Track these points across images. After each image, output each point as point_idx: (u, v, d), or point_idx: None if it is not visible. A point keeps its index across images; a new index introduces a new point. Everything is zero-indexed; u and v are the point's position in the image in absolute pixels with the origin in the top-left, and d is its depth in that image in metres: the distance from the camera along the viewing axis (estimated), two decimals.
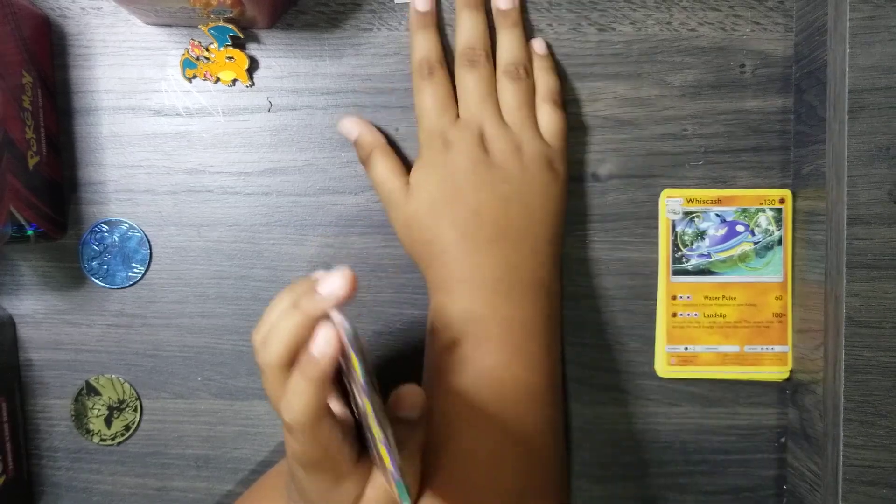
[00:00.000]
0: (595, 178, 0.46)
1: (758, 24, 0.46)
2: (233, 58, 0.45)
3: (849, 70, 0.39)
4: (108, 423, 0.47)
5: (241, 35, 0.45)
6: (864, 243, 0.39)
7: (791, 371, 0.46)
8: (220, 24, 0.44)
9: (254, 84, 0.46)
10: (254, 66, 0.46)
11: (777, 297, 0.46)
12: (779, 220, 0.46)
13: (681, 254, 0.46)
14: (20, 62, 0.42)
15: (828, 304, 0.41)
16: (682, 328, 0.46)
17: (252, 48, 0.46)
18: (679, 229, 0.46)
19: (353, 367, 0.31)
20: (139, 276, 0.47)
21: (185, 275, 0.47)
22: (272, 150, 0.46)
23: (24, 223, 0.42)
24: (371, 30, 0.46)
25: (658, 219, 0.46)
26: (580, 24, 0.46)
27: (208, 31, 0.44)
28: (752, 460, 0.47)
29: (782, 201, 0.46)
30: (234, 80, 0.46)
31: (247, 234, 0.47)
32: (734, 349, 0.46)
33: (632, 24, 0.46)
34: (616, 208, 0.46)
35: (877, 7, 0.39)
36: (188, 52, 0.45)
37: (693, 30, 0.46)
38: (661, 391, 0.47)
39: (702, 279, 0.46)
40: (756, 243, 0.46)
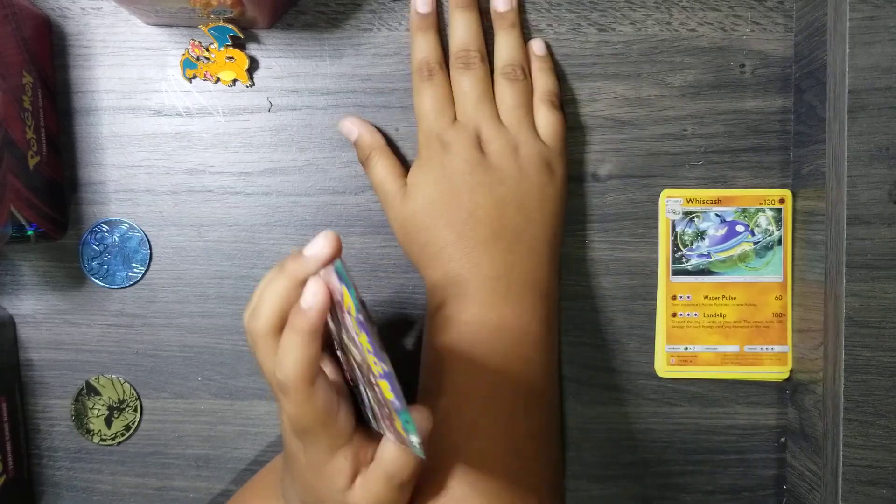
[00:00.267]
0: (595, 178, 0.46)
1: (758, 24, 0.46)
2: (233, 58, 0.45)
3: (848, 70, 0.39)
4: (108, 422, 0.47)
5: (241, 35, 0.45)
6: (863, 243, 0.39)
7: (791, 371, 0.46)
8: (221, 24, 0.44)
9: (254, 84, 0.46)
10: (254, 66, 0.46)
11: (777, 297, 0.46)
12: (778, 220, 0.46)
13: (681, 254, 0.46)
14: (21, 62, 0.42)
15: (827, 304, 0.41)
16: (682, 328, 0.46)
17: (252, 48, 0.46)
18: (679, 229, 0.46)
19: (346, 304, 0.30)
20: (139, 276, 0.47)
21: (186, 275, 0.47)
22: (272, 150, 0.46)
23: (24, 223, 0.42)
24: (371, 30, 0.46)
25: (658, 219, 0.46)
26: (580, 24, 0.46)
27: (208, 31, 0.44)
28: (751, 460, 0.47)
29: (782, 201, 0.46)
30: (235, 81, 0.46)
31: (247, 234, 0.47)
32: (734, 349, 0.46)
33: (631, 24, 0.46)
34: (616, 208, 0.46)
35: (876, 7, 0.39)
36: (188, 53, 0.45)
37: (693, 30, 0.46)
38: (661, 391, 0.47)
39: (702, 279, 0.46)
40: (756, 243, 0.46)
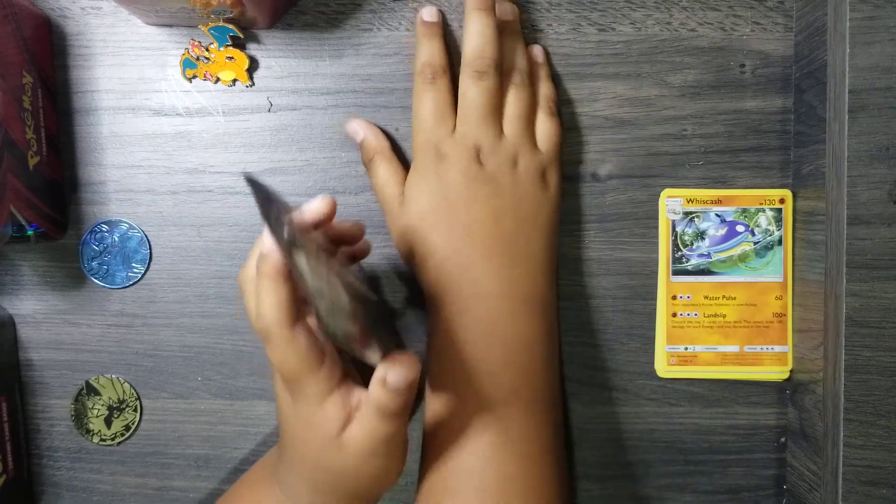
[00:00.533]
0: (595, 178, 0.46)
1: (758, 24, 0.46)
2: (233, 58, 0.45)
3: (849, 70, 0.39)
4: (108, 423, 0.47)
5: (241, 35, 0.45)
6: (863, 243, 0.39)
7: (791, 371, 0.46)
8: (220, 24, 0.44)
9: (254, 84, 0.46)
10: (254, 66, 0.46)
11: (777, 297, 0.46)
12: (779, 220, 0.46)
13: (681, 254, 0.46)
14: (21, 62, 0.42)
15: (828, 304, 0.41)
16: (682, 328, 0.46)
17: (252, 48, 0.46)
18: (679, 229, 0.46)
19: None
20: (139, 276, 0.47)
21: (186, 275, 0.47)
22: (272, 150, 0.46)
23: (24, 223, 0.42)
24: (371, 30, 0.46)
25: (658, 219, 0.46)
26: (580, 24, 0.46)
27: (208, 31, 0.44)
28: (751, 460, 0.47)
29: (782, 201, 0.46)
30: (234, 80, 0.46)
31: (247, 234, 0.47)
32: (734, 349, 0.46)
33: (632, 24, 0.46)
34: (616, 208, 0.46)
35: (876, 7, 0.39)
36: (188, 52, 0.45)
37: (693, 30, 0.46)
38: (661, 391, 0.47)
39: (702, 279, 0.46)
40: (756, 243, 0.46)
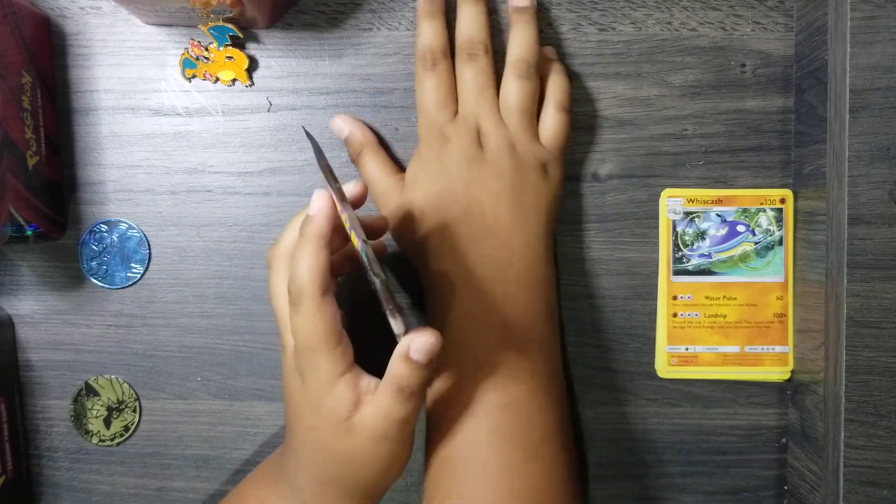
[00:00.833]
0: (595, 178, 0.46)
1: (758, 23, 0.46)
2: (232, 57, 0.45)
3: (849, 70, 0.39)
4: (107, 423, 0.47)
5: (240, 35, 0.45)
6: (864, 243, 0.39)
7: (792, 371, 0.46)
8: (220, 23, 0.44)
9: (253, 84, 0.46)
10: (253, 65, 0.46)
11: (778, 298, 0.46)
12: (779, 220, 0.45)
13: (681, 254, 0.46)
14: (20, 62, 0.42)
15: (828, 305, 0.41)
16: (683, 328, 0.46)
17: (252, 48, 0.46)
18: (679, 229, 0.46)
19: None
20: (138, 276, 0.46)
21: (185, 275, 0.47)
22: (272, 150, 0.46)
23: (23, 223, 0.42)
24: (371, 29, 0.46)
25: (658, 219, 0.46)
26: (580, 24, 0.46)
27: (208, 30, 0.44)
28: (752, 461, 0.47)
29: (783, 201, 0.45)
30: (234, 80, 0.46)
31: (246, 234, 0.46)
32: (735, 349, 0.46)
33: (632, 23, 0.46)
34: (616, 208, 0.46)
35: (877, 7, 0.39)
36: (188, 52, 0.45)
37: (693, 29, 0.46)
38: (662, 391, 0.47)
39: (702, 279, 0.46)
40: (757, 243, 0.46)
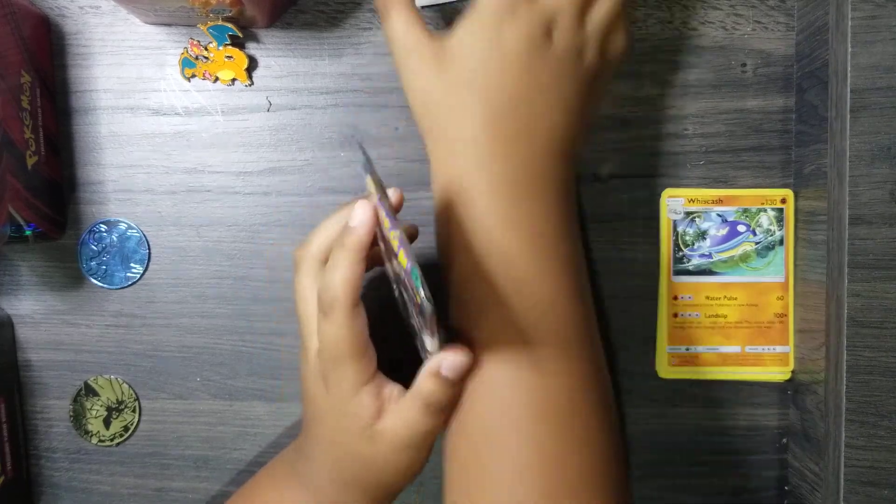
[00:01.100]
0: (596, 178, 0.46)
1: (759, 23, 0.46)
2: (232, 57, 0.45)
3: (850, 69, 0.39)
4: (106, 423, 0.47)
5: (240, 34, 0.44)
6: (865, 243, 0.39)
7: (792, 371, 0.46)
8: (219, 23, 0.44)
9: (253, 83, 0.46)
10: (253, 65, 0.46)
11: (778, 298, 0.46)
12: (780, 219, 0.45)
13: (682, 254, 0.46)
14: (19, 62, 0.42)
15: (829, 305, 0.41)
16: (684, 328, 0.46)
17: (251, 47, 0.46)
18: (680, 229, 0.46)
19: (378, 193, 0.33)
20: (138, 276, 0.46)
21: (185, 275, 0.47)
22: (272, 150, 0.46)
23: (22, 223, 0.42)
24: (371, 29, 0.46)
25: (659, 219, 0.46)
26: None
27: (207, 30, 0.44)
28: (753, 461, 0.47)
29: (784, 201, 0.45)
30: (233, 80, 0.46)
31: (246, 234, 0.46)
32: (735, 350, 0.46)
33: (633, 23, 0.46)
34: (616, 208, 0.46)
35: (878, 6, 0.38)
36: (187, 52, 0.45)
37: (694, 29, 0.46)
38: (662, 391, 0.47)
39: (703, 279, 0.46)
40: (757, 243, 0.46)
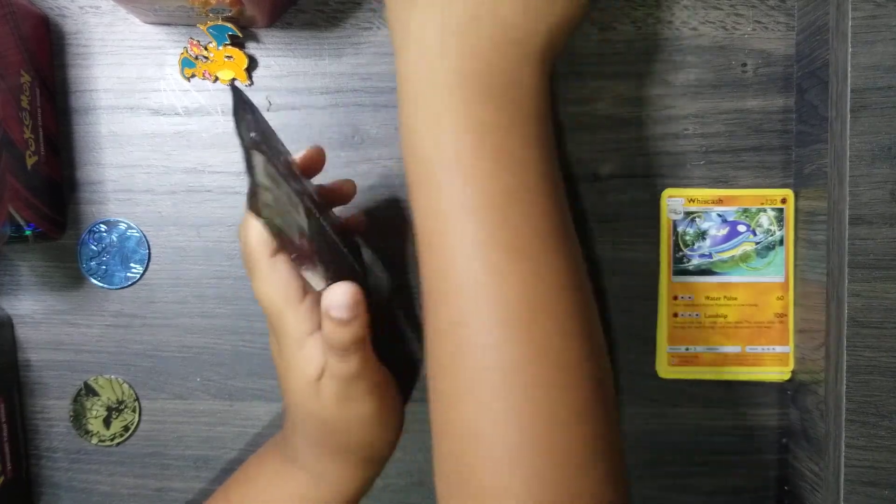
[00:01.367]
0: (595, 177, 0.46)
1: (759, 23, 0.46)
2: (232, 57, 0.45)
3: (851, 69, 0.39)
4: (106, 423, 0.47)
5: (239, 34, 0.44)
6: (865, 243, 0.39)
7: (792, 371, 0.46)
8: (219, 22, 0.44)
9: (253, 83, 0.46)
10: (253, 65, 0.46)
11: (778, 298, 0.46)
12: (780, 219, 0.45)
13: (682, 254, 0.46)
14: (19, 62, 0.42)
15: (829, 305, 0.41)
16: (683, 328, 0.46)
17: (251, 47, 0.46)
18: (680, 229, 0.46)
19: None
20: (138, 276, 0.46)
21: (185, 275, 0.47)
22: None
23: (22, 223, 0.42)
24: (371, 28, 0.46)
25: (659, 219, 0.46)
26: (581, 24, 0.46)
27: (207, 29, 0.44)
28: (752, 461, 0.47)
29: (784, 201, 0.45)
30: (233, 79, 0.46)
31: None
32: (735, 350, 0.46)
33: (633, 22, 0.46)
34: (616, 208, 0.46)
35: (878, 6, 0.38)
36: (187, 51, 0.45)
37: (694, 29, 0.46)
38: (662, 391, 0.47)
39: (703, 279, 0.46)
40: (757, 243, 0.46)
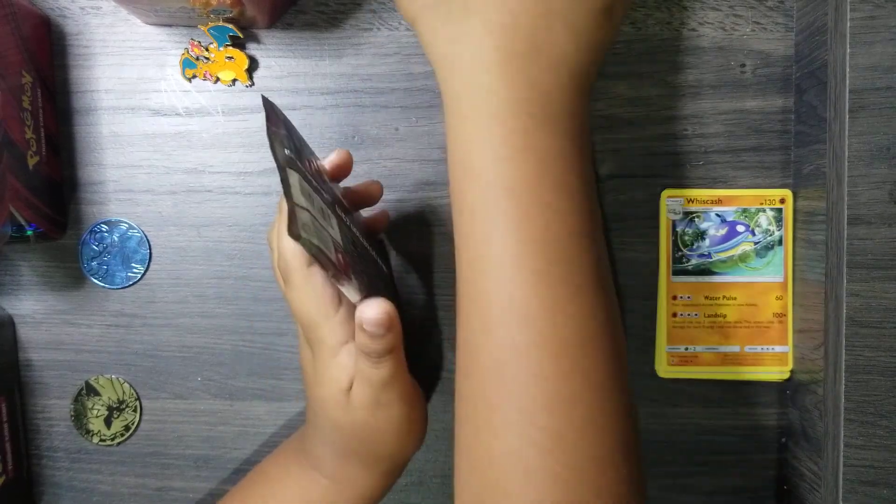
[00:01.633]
0: (595, 178, 0.46)
1: (758, 23, 0.46)
2: (232, 57, 0.45)
3: (849, 70, 0.39)
4: (107, 423, 0.47)
5: (240, 35, 0.45)
6: (864, 243, 0.39)
7: (791, 371, 0.46)
8: (220, 23, 0.44)
9: (253, 84, 0.46)
10: (253, 65, 0.46)
11: (777, 298, 0.46)
12: (779, 220, 0.46)
13: (681, 254, 0.46)
14: (20, 62, 0.42)
15: (828, 305, 0.41)
16: (683, 328, 0.46)
17: (252, 48, 0.46)
18: (679, 229, 0.46)
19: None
20: (139, 276, 0.46)
21: (185, 275, 0.47)
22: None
23: (23, 223, 0.42)
24: (371, 29, 0.46)
25: (658, 219, 0.46)
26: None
27: (208, 30, 0.44)
28: (752, 460, 0.47)
29: (783, 201, 0.45)
30: (234, 80, 0.46)
31: (247, 234, 0.47)
32: (734, 349, 0.46)
33: (632, 23, 0.46)
34: (616, 208, 0.46)
35: (877, 7, 0.39)
36: (188, 52, 0.45)
37: (693, 29, 0.46)
38: (662, 391, 0.47)
39: (702, 279, 0.46)
40: (756, 243, 0.46)
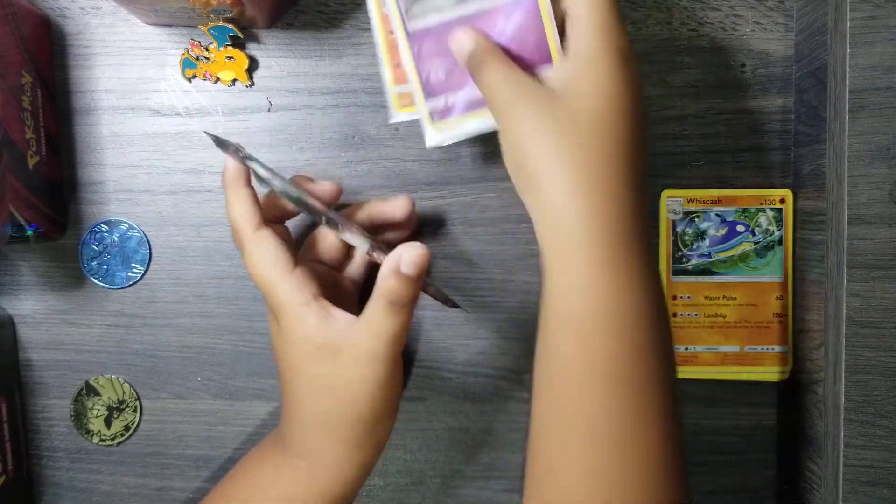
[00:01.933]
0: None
1: (758, 23, 0.46)
2: (232, 57, 0.45)
3: (849, 70, 0.39)
4: (107, 423, 0.47)
5: (240, 35, 0.45)
6: (864, 243, 0.39)
7: (791, 371, 0.46)
8: (220, 23, 0.44)
9: (253, 84, 0.46)
10: (253, 65, 0.46)
11: (777, 297, 0.46)
12: (779, 219, 0.46)
13: (681, 254, 0.46)
14: (20, 62, 0.42)
15: (828, 304, 0.41)
16: (683, 328, 0.46)
17: (252, 48, 0.46)
18: (679, 229, 0.46)
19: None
20: (139, 276, 0.46)
21: (185, 275, 0.47)
22: (272, 150, 0.46)
23: (23, 223, 0.42)
24: (371, 29, 0.46)
25: (658, 219, 0.46)
26: None
27: (208, 30, 0.44)
28: (752, 460, 0.47)
29: (783, 201, 0.46)
30: (234, 80, 0.46)
31: None
32: (734, 349, 0.46)
33: (632, 23, 0.46)
34: None
35: (877, 7, 0.39)
36: (188, 52, 0.45)
37: (693, 30, 0.46)
38: None
39: (702, 279, 0.46)
40: (756, 243, 0.46)
